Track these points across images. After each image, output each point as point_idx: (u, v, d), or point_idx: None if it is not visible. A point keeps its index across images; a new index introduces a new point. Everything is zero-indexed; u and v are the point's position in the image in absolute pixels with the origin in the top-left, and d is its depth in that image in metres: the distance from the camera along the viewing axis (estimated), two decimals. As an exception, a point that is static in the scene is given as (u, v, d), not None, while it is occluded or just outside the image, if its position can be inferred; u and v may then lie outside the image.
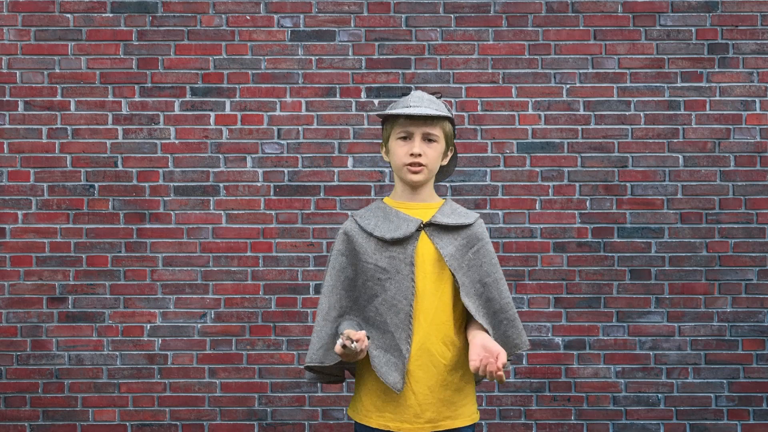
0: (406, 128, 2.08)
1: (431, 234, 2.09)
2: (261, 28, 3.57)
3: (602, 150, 3.57)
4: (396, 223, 2.08)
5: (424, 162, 2.07)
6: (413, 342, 2.04)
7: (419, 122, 2.07)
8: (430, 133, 2.08)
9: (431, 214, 2.11)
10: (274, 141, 3.57)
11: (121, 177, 3.55)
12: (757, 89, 3.57)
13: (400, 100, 2.12)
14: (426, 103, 2.08)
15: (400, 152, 2.08)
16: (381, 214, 2.12)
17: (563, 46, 3.58)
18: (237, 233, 3.55)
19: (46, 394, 3.53)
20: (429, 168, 2.09)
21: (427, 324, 2.06)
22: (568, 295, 3.55)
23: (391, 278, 2.05)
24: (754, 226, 3.55)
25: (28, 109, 3.55)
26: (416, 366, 2.04)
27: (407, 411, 2.05)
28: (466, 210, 2.18)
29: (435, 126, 2.09)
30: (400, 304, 2.04)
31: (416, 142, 2.07)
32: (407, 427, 2.05)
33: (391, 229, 2.07)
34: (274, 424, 3.53)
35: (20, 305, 3.53)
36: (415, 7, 3.58)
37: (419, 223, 2.08)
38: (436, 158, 2.11)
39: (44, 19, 3.56)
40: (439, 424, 2.07)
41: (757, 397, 3.54)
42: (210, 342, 3.54)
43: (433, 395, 2.06)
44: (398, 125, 2.09)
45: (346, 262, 2.10)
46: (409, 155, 2.07)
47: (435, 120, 2.08)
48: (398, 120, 2.08)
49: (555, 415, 3.54)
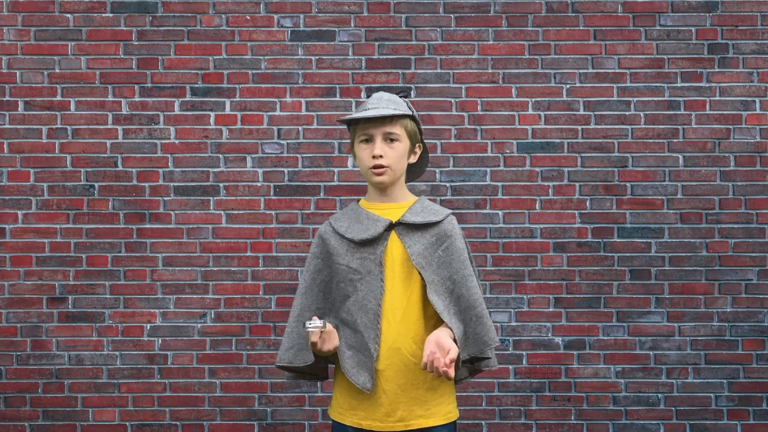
0: (366, 131, 2.09)
1: (400, 233, 2.10)
2: (261, 28, 3.58)
3: (602, 150, 3.57)
4: (366, 224, 2.10)
5: (386, 163, 2.07)
6: (382, 341, 2.05)
7: (378, 123, 2.07)
8: (390, 132, 2.08)
9: (401, 214, 2.12)
10: (274, 141, 3.57)
11: (121, 177, 3.55)
12: (757, 89, 3.57)
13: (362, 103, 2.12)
14: (384, 103, 2.09)
15: (363, 156, 2.09)
16: (353, 215, 2.14)
17: (563, 46, 3.58)
18: (237, 233, 3.55)
19: (46, 394, 3.53)
20: (392, 168, 2.09)
21: (396, 323, 2.07)
22: (568, 295, 3.55)
23: (362, 278, 2.07)
24: (754, 226, 3.55)
25: (28, 109, 3.55)
26: (386, 365, 2.06)
27: (378, 410, 2.06)
28: (438, 207, 2.19)
29: (394, 125, 2.08)
30: (369, 304, 2.06)
31: (377, 143, 2.07)
32: (378, 425, 2.06)
33: (361, 231, 2.09)
34: (274, 424, 3.53)
35: (20, 305, 3.53)
36: (415, 7, 3.58)
37: (387, 223, 2.09)
38: (398, 158, 2.10)
39: (44, 19, 3.56)
40: (411, 423, 2.07)
41: (757, 397, 3.54)
42: (210, 342, 3.54)
43: (404, 394, 2.06)
44: (359, 128, 2.10)
45: (322, 264, 2.13)
46: (371, 158, 2.08)
47: (394, 119, 2.08)
48: (359, 124, 2.09)
49: (555, 415, 3.54)
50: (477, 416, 3.54)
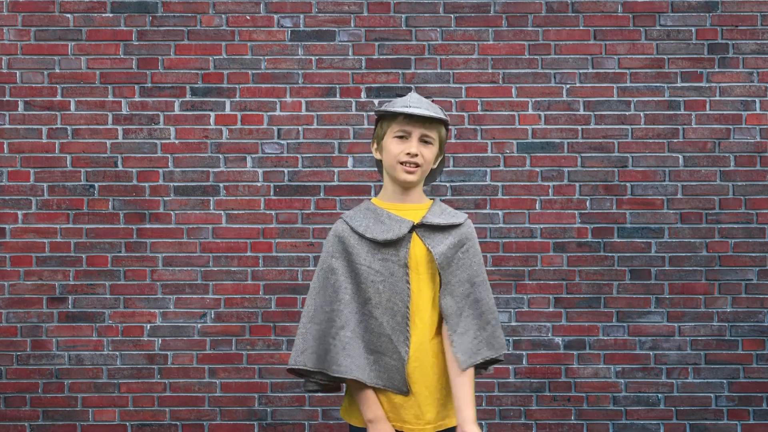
0: (404, 127, 2.08)
1: (422, 235, 2.10)
2: (261, 28, 3.57)
3: (602, 150, 3.57)
4: (388, 224, 2.09)
5: (419, 162, 2.08)
6: (411, 344, 2.05)
7: (418, 123, 2.07)
8: (427, 134, 2.09)
9: (421, 215, 2.11)
10: (274, 141, 3.57)
11: (121, 177, 3.55)
12: (757, 89, 3.57)
13: (398, 100, 2.12)
14: (425, 105, 2.09)
15: (395, 150, 2.08)
16: (372, 215, 2.12)
17: (563, 46, 3.58)
18: (237, 233, 3.54)
19: (46, 394, 3.53)
20: (423, 169, 2.10)
21: (422, 325, 2.07)
22: (568, 295, 3.55)
23: (385, 280, 2.06)
24: (754, 226, 3.55)
25: (28, 109, 3.55)
26: (414, 368, 2.05)
27: (408, 412, 2.06)
28: (454, 210, 2.20)
29: (432, 128, 2.09)
30: (396, 307, 2.05)
31: (414, 142, 2.07)
32: (409, 427, 2.05)
33: (383, 231, 2.07)
34: (274, 424, 3.53)
35: (20, 305, 3.53)
36: (415, 7, 3.58)
37: (411, 225, 2.09)
38: (430, 160, 2.11)
39: (44, 19, 3.56)
40: (438, 424, 2.08)
41: (757, 397, 3.54)
42: (210, 342, 3.54)
43: (431, 396, 2.07)
44: (396, 123, 2.09)
45: (337, 263, 2.09)
46: (405, 154, 2.07)
47: (433, 122, 2.09)
48: (396, 119, 2.08)
49: (555, 415, 3.54)
50: (477, 416, 3.53)
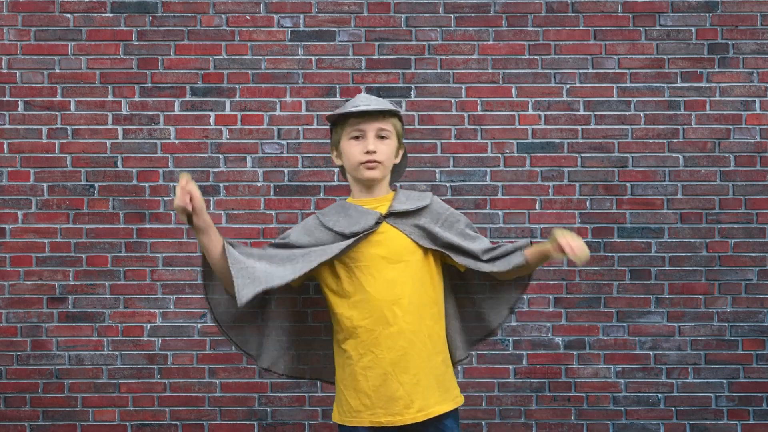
0: (357, 127, 2.08)
1: (395, 223, 2.11)
2: (261, 28, 3.57)
3: (602, 150, 3.57)
4: (355, 217, 2.10)
5: (379, 159, 2.08)
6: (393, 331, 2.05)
7: (371, 119, 2.07)
8: (382, 128, 2.09)
9: (388, 205, 2.14)
10: (274, 141, 3.57)
11: (121, 177, 3.55)
12: (757, 89, 3.57)
13: (348, 103, 2.13)
14: (374, 102, 2.10)
15: (354, 151, 2.09)
16: (341, 210, 2.14)
17: (563, 46, 3.58)
18: (237, 233, 3.54)
19: (46, 394, 3.53)
20: (384, 164, 2.11)
21: (402, 313, 2.06)
22: (568, 295, 3.55)
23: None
24: (754, 226, 3.55)
25: (28, 109, 3.55)
26: (399, 356, 2.04)
27: (397, 403, 2.05)
28: (419, 193, 2.21)
29: (386, 122, 2.10)
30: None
31: (370, 139, 2.08)
32: (399, 419, 2.05)
33: (351, 224, 2.08)
34: (274, 424, 3.53)
35: (20, 305, 3.53)
36: (415, 7, 3.58)
37: (378, 216, 2.10)
38: (390, 154, 2.12)
39: (44, 19, 3.56)
40: (429, 411, 2.07)
41: (757, 397, 3.54)
42: (210, 342, 3.54)
43: (419, 383, 2.06)
44: (349, 125, 2.09)
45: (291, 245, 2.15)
46: (363, 153, 2.07)
47: (386, 116, 2.09)
48: (348, 121, 2.08)
49: (555, 415, 3.54)
50: (477, 416, 3.53)
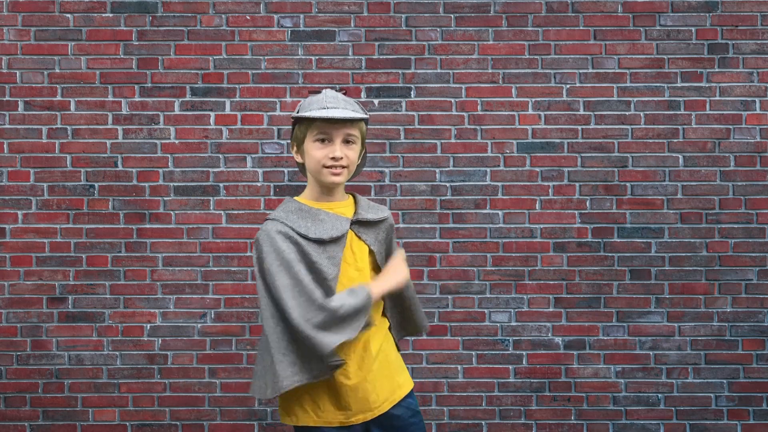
0: (324, 130, 2.06)
1: (358, 231, 2.13)
2: (261, 28, 3.57)
3: (602, 150, 3.57)
4: (329, 222, 2.09)
5: (345, 164, 2.08)
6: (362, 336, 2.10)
7: (339, 125, 2.05)
8: (350, 134, 2.08)
9: (351, 211, 2.15)
10: (274, 141, 3.56)
11: (121, 177, 3.55)
12: (757, 89, 3.57)
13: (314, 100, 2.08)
14: (342, 104, 2.06)
15: (318, 155, 2.06)
16: (307, 215, 2.08)
17: (563, 46, 3.58)
18: (237, 233, 3.54)
19: (46, 394, 3.53)
20: (349, 169, 2.11)
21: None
22: (568, 295, 3.55)
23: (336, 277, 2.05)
24: (754, 226, 3.55)
25: (28, 109, 3.55)
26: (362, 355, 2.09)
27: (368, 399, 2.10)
28: (377, 204, 2.27)
29: (354, 127, 2.08)
30: None
31: (337, 145, 2.06)
32: (371, 414, 2.10)
33: (327, 230, 2.06)
34: (274, 424, 3.53)
35: (20, 305, 3.53)
36: (415, 7, 3.58)
37: (349, 221, 2.12)
38: (355, 159, 2.12)
39: (44, 19, 3.56)
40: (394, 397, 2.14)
41: (757, 397, 3.54)
42: (210, 342, 3.54)
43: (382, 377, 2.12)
44: (315, 127, 2.06)
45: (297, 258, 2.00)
46: (329, 158, 2.06)
47: (354, 122, 2.07)
48: (315, 121, 2.06)
49: (555, 415, 3.54)
50: (477, 416, 3.53)
